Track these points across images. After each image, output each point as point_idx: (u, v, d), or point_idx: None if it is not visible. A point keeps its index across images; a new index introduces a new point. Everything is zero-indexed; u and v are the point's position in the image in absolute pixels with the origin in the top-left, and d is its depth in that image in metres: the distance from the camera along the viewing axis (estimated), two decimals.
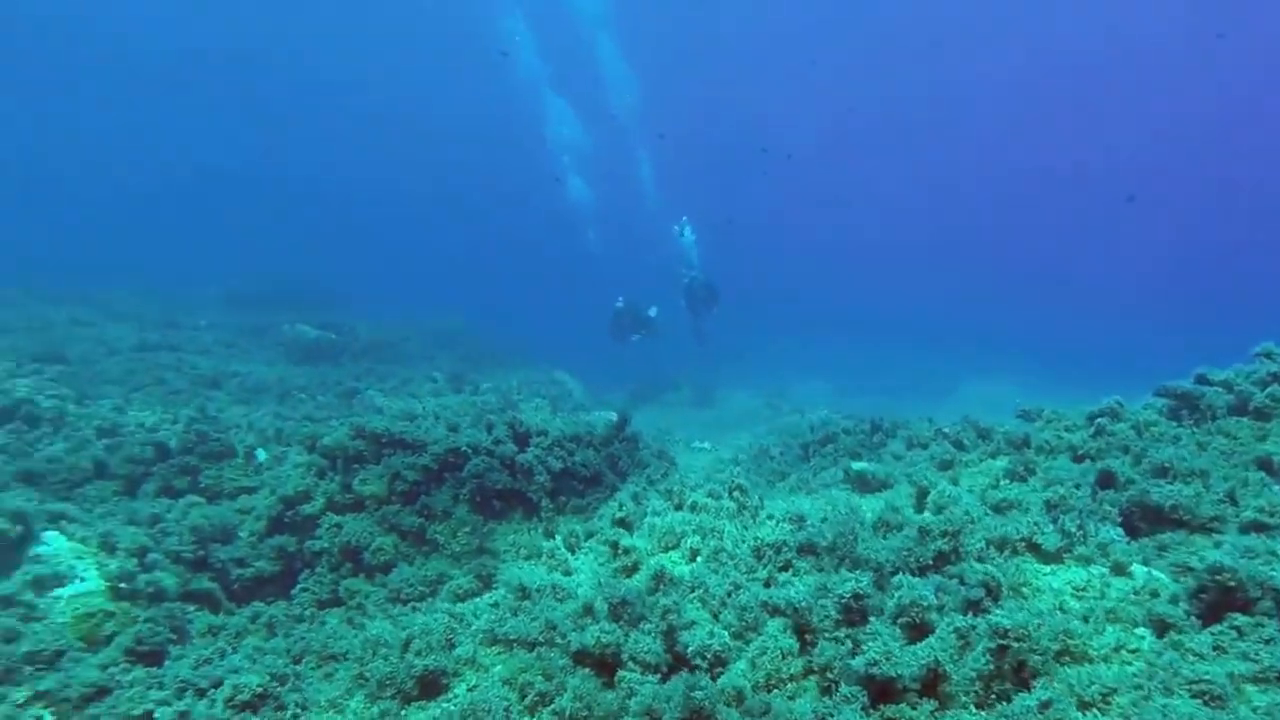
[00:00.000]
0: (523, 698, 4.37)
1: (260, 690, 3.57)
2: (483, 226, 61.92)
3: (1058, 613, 4.24)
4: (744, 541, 5.11)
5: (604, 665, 4.51)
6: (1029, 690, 3.66)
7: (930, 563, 4.66)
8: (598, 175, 33.49)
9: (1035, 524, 5.08)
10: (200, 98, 57.73)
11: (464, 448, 7.82)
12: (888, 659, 3.53)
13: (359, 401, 14.50)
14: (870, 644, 3.62)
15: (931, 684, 3.71)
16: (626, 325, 22.79)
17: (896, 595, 4.01)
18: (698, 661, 4.26)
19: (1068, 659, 3.92)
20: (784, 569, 4.82)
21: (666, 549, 5.65)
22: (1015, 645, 3.61)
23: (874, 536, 4.84)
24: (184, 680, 4.11)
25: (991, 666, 3.65)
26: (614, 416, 11.25)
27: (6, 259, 26.60)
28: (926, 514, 6.48)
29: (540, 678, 4.46)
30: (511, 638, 4.82)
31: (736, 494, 5.94)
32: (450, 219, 63.18)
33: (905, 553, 4.67)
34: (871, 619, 3.96)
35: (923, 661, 3.60)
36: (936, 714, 3.59)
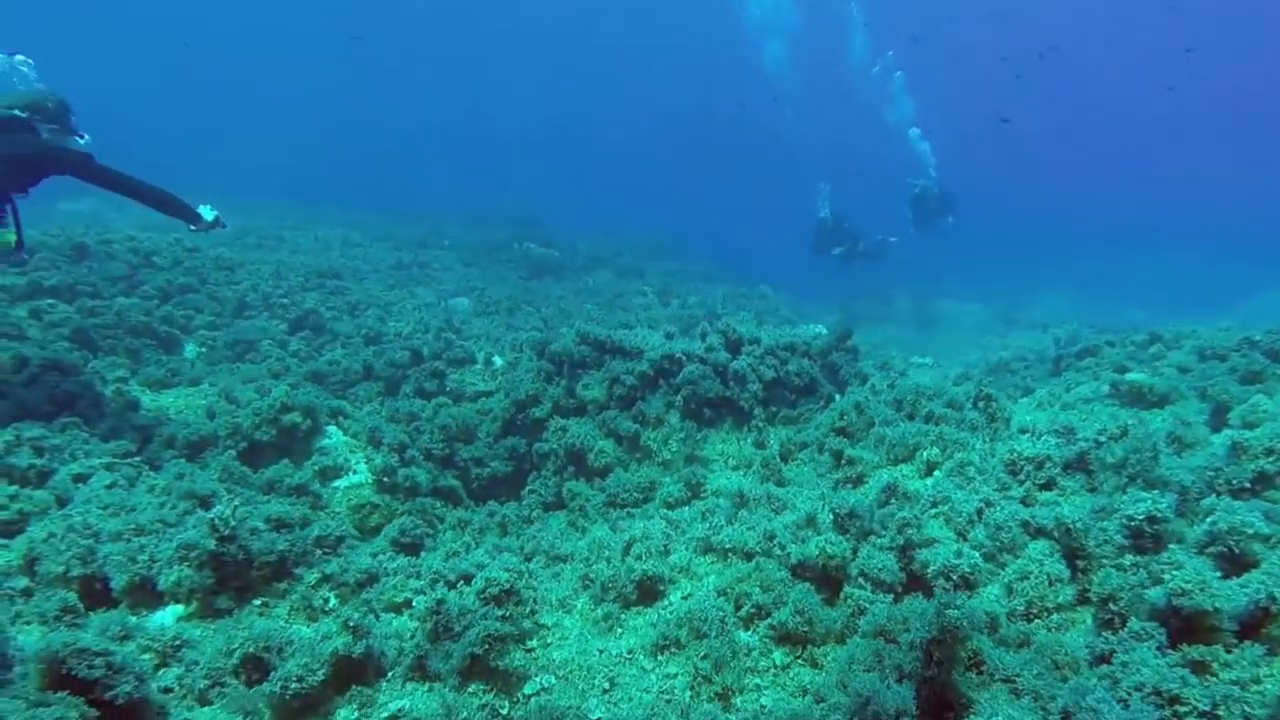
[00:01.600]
0: (738, 609, 4.25)
1: (508, 586, 3.78)
2: (689, 136, 61.33)
3: None
4: (994, 455, 4.49)
5: (827, 580, 4.24)
6: None
7: (1248, 486, 3.76)
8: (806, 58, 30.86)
9: None
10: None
11: (679, 354, 7.79)
12: (1201, 589, 2.88)
13: (578, 314, 15.20)
14: (1175, 573, 2.97)
15: (1256, 625, 3.00)
16: (829, 237, 21.28)
17: (1209, 520, 3.26)
18: (939, 583, 3.84)
19: None
20: (1045, 487, 4.17)
21: (897, 461, 5.17)
22: None
23: (1170, 456, 4.00)
24: (436, 572, 4.50)
25: None
26: (823, 330, 10.63)
27: (301, 187, 30.84)
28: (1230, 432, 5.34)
29: (758, 589, 4.29)
30: (727, 547, 4.70)
31: (983, 404, 5.25)
32: (658, 132, 63.30)
33: (1212, 473, 3.81)
34: (1171, 546, 3.26)
35: (1249, 595, 2.90)
36: (1263, 660, 2.89)
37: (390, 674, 3.53)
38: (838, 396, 7.65)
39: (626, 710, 3.88)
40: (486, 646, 3.44)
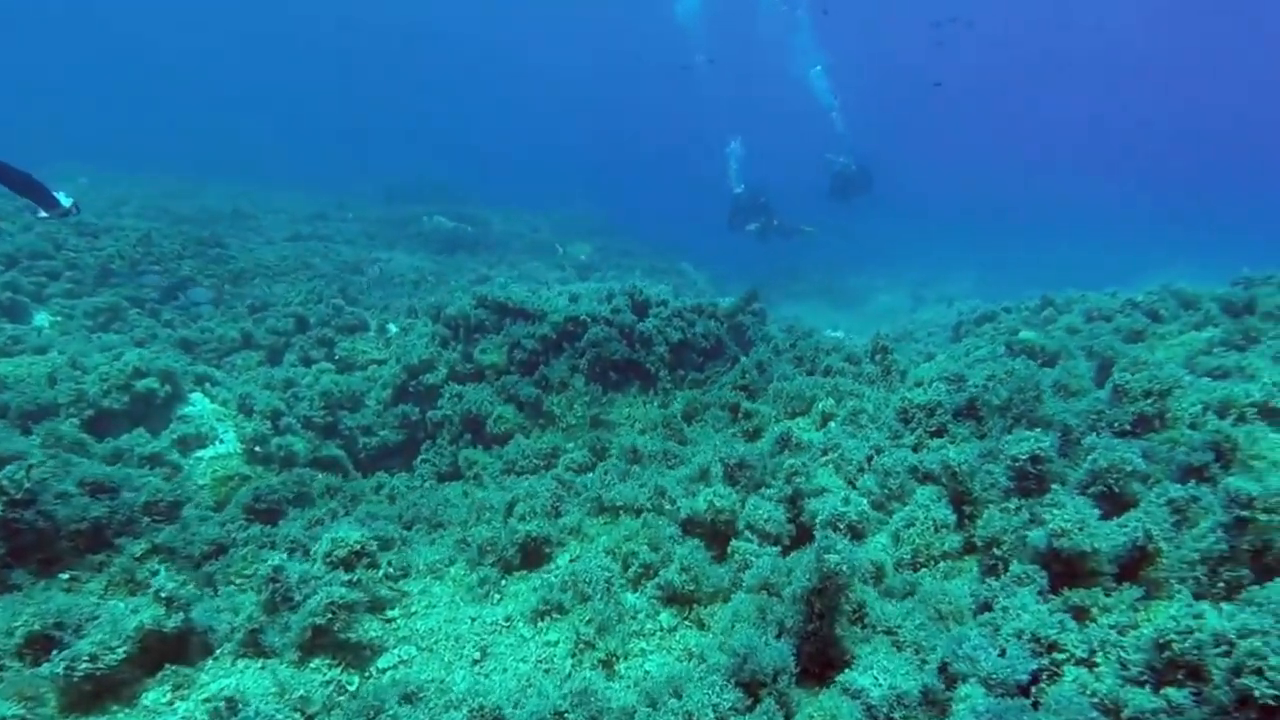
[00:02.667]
0: (626, 569, 4.00)
1: (358, 548, 3.39)
2: (616, 120, 60.41)
3: None
4: (888, 405, 4.37)
5: (716, 535, 4.04)
6: (1272, 579, 2.80)
7: (1129, 428, 3.74)
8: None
9: (1275, 385, 3.97)
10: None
11: (583, 316, 7.46)
12: (1080, 528, 2.77)
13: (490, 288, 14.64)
14: (1056, 513, 2.86)
15: (1134, 566, 2.93)
16: (744, 213, 21.17)
17: (1090, 458, 3.18)
18: (828, 532, 3.69)
19: None
20: (936, 434, 4.07)
21: (794, 414, 5.02)
22: (1263, 518, 2.72)
23: (1055, 398, 3.95)
24: (295, 540, 4.06)
25: (1224, 546, 2.80)
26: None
27: (190, 157, 28.71)
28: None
29: (646, 547, 4.06)
30: (618, 504, 4.44)
31: (879, 357, 5.15)
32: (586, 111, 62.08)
33: (1094, 416, 3.77)
34: (1054, 487, 3.17)
35: (1127, 535, 2.81)
36: (1140, 604, 2.82)
37: (219, 651, 3.10)
38: (743, 358, 7.50)
39: (498, 681, 3.57)
40: (330, 616, 3.05)
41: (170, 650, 2.94)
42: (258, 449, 6.19)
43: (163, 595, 2.86)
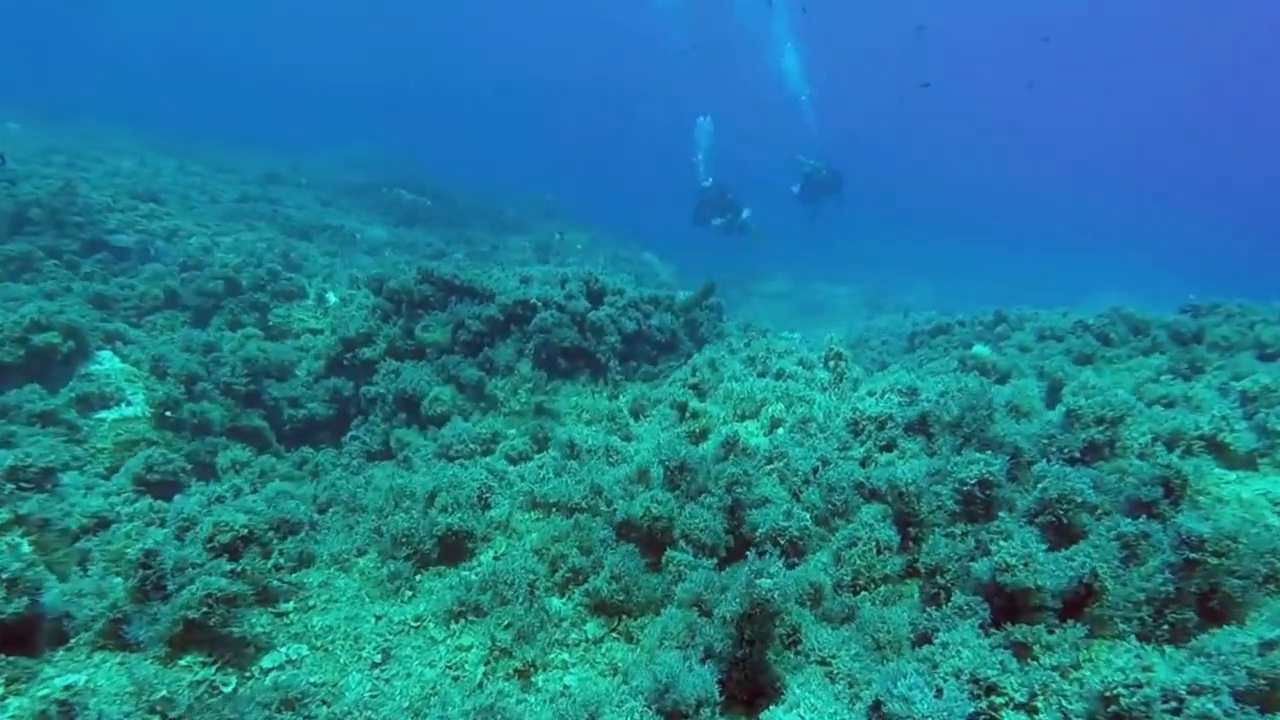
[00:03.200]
0: (553, 572, 3.73)
1: (244, 533, 3.04)
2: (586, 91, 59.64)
3: (1262, 529, 3.16)
4: (838, 414, 4.18)
5: (652, 542, 3.80)
6: (1216, 624, 2.69)
7: (1079, 455, 3.62)
8: None
9: (1224, 419, 3.91)
10: None
11: (534, 300, 7.14)
12: (1026, 564, 2.61)
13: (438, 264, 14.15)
14: (1002, 545, 2.69)
15: (1079, 603, 2.78)
16: (710, 207, 20.91)
17: (1039, 486, 3.03)
18: (767, 547, 3.47)
19: (1274, 588, 2.89)
20: (886, 449, 3.90)
21: (743, 417, 4.81)
22: (1212, 561, 2.59)
23: (1006, 419, 3.80)
24: (189, 518, 3.67)
25: (1170, 588, 2.67)
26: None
27: (140, 109, 27.26)
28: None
29: (576, 550, 3.79)
30: (550, 501, 4.17)
31: (833, 363, 4.96)
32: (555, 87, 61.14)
33: (1045, 440, 3.64)
34: (1001, 514, 3.01)
35: (1074, 573, 2.66)
36: (1083, 643, 2.67)
37: (73, 641, 2.74)
38: (696, 355, 7.28)
39: (399, 688, 3.27)
40: (207, 609, 2.72)
41: (13, 638, 2.58)
42: (168, 414, 5.73)
43: (4, 576, 2.50)
